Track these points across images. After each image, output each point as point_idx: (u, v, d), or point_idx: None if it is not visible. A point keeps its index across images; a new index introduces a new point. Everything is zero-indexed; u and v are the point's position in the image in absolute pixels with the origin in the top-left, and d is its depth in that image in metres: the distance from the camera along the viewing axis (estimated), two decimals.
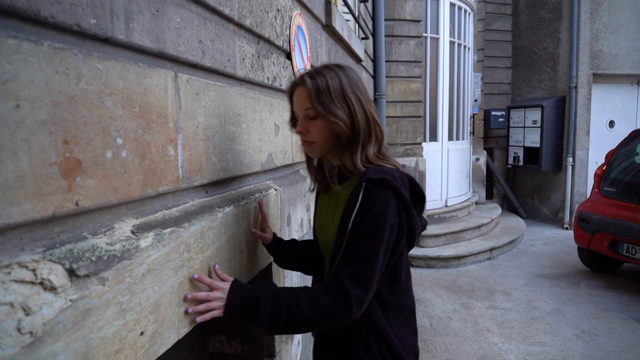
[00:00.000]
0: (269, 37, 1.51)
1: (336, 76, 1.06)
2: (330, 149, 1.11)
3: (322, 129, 1.07)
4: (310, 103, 1.05)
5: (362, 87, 1.10)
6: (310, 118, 1.08)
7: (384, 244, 0.98)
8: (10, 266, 0.55)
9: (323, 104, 1.03)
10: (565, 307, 3.84)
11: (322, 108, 1.03)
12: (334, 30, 2.56)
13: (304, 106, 1.08)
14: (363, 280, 0.97)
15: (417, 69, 5.35)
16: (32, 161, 0.59)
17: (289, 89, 1.14)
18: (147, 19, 0.85)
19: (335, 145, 1.09)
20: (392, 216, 0.99)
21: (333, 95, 1.04)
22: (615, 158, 4.53)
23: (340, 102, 1.04)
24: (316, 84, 1.04)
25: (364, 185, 1.01)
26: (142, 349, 0.78)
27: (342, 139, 1.06)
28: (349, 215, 1.02)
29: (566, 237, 6.11)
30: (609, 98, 6.83)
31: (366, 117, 1.07)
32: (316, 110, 1.05)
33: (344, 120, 1.04)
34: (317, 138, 1.08)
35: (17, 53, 0.57)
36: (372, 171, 1.03)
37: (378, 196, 1.00)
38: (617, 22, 6.48)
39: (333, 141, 1.08)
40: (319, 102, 1.03)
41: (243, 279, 1.26)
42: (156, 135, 0.88)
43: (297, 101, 1.10)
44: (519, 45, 7.64)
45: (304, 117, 1.09)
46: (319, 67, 1.09)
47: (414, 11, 5.23)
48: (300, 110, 1.10)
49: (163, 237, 0.84)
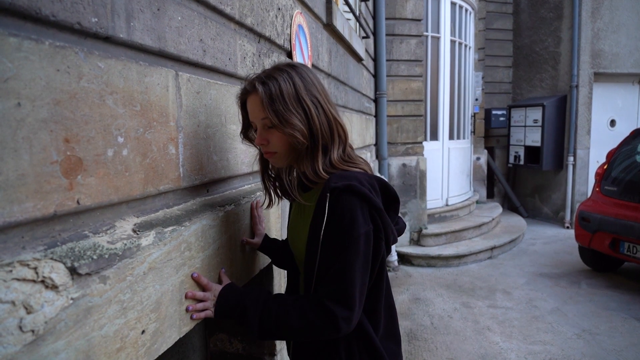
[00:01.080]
0: (270, 36, 1.51)
1: (289, 78, 0.97)
2: (292, 157, 1.03)
3: (281, 138, 0.98)
4: (263, 112, 0.97)
5: (319, 86, 1.02)
6: (269, 127, 0.99)
7: (361, 255, 0.92)
8: (12, 264, 0.55)
9: (277, 113, 0.95)
10: (566, 306, 3.84)
11: (276, 118, 0.95)
12: (335, 29, 2.55)
13: (260, 116, 0.98)
14: (345, 298, 0.91)
15: (418, 68, 5.34)
16: (34, 159, 0.59)
17: (239, 97, 1.05)
18: (148, 17, 0.85)
19: (295, 153, 1.02)
20: (365, 224, 0.93)
21: (287, 100, 0.95)
22: (616, 157, 4.52)
23: (297, 108, 0.96)
24: (268, 91, 0.95)
25: (329, 196, 0.93)
26: (143, 347, 0.78)
27: (300, 148, 0.99)
28: (318, 230, 0.95)
29: (567, 236, 6.10)
30: (610, 97, 6.82)
31: (327, 118, 1.00)
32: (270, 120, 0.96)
33: (300, 129, 0.96)
34: (278, 147, 1.00)
35: (18, 51, 0.57)
36: (335, 178, 0.95)
37: (345, 205, 0.92)
38: (619, 21, 6.47)
39: (293, 149, 1.01)
40: (273, 111, 0.95)
41: (244, 278, 1.26)
42: (157, 134, 0.88)
43: (252, 111, 1.01)
44: (520, 44, 7.63)
45: (262, 126, 1.00)
46: (270, 70, 1.00)
47: (415, 10, 5.23)
48: (257, 120, 1.01)
49: (164, 235, 0.84)
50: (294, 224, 1.15)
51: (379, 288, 1.04)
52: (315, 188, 1.05)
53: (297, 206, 1.15)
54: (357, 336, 1.01)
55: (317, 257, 0.96)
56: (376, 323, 1.04)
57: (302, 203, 1.07)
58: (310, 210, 1.04)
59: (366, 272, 0.95)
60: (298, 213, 1.13)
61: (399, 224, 1.13)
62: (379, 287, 1.04)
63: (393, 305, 1.14)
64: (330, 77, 2.58)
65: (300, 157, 1.01)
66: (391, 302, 1.13)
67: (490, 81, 7.71)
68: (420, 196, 5.28)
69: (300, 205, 1.12)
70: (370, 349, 1.02)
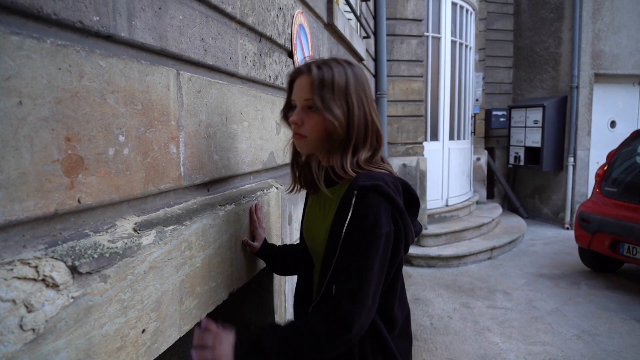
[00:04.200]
0: (271, 36, 1.51)
1: (344, 72, 1.00)
2: (321, 147, 1.04)
3: (318, 124, 1.00)
4: (310, 94, 0.99)
5: (367, 88, 1.05)
6: (309, 109, 1.01)
7: (380, 255, 0.93)
8: (13, 263, 0.55)
9: (323, 98, 0.97)
10: (566, 306, 3.84)
11: (320, 102, 0.97)
12: (336, 29, 2.55)
13: (305, 96, 1.00)
14: (360, 297, 0.91)
15: (418, 68, 5.34)
16: (35, 158, 0.59)
17: (291, 75, 1.07)
18: (150, 16, 0.85)
19: (327, 145, 1.03)
20: (387, 225, 0.94)
21: (335, 91, 0.98)
22: (617, 158, 4.52)
23: (341, 100, 0.99)
24: (322, 75, 0.98)
25: (356, 193, 0.95)
26: (143, 346, 0.78)
27: (335, 140, 1.00)
28: (340, 226, 0.96)
29: (567, 237, 6.10)
30: (610, 98, 6.82)
31: (365, 121, 1.01)
32: (314, 102, 0.98)
33: (340, 120, 0.98)
34: (310, 133, 1.01)
35: (20, 50, 0.57)
36: (363, 177, 0.96)
37: (371, 204, 0.93)
38: (619, 22, 6.47)
39: (325, 140, 1.02)
40: (319, 95, 0.97)
41: (244, 278, 1.26)
42: (158, 133, 0.88)
43: (298, 89, 1.03)
44: (520, 45, 7.63)
45: (303, 107, 1.02)
46: (328, 59, 1.03)
47: (416, 10, 5.22)
48: (299, 100, 1.03)
49: (165, 234, 0.84)
50: (311, 216, 1.15)
51: (393, 289, 1.04)
52: (340, 183, 1.05)
53: (316, 200, 1.15)
54: (370, 336, 1.01)
55: (337, 252, 0.97)
56: (390, 323, 1.05)
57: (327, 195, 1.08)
58: (332, 205, 1.05)
59: (382, 273, 0.95)
60: (318, 207, 1.13)
61: (416, 226, 1.14)
62: (394, 288, 1.04)
63: (407, 305, 1.15)
64: None
65: (331, 150, 1.02)
66: (406, 302, 1.14)
67: (490, 82, 7.71)
68: (420, 196, 5.27)
69: (320, 199, 1.12)
70: (383, 348, 1.02)
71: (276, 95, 1.60)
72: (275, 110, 1.58)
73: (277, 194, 1.50)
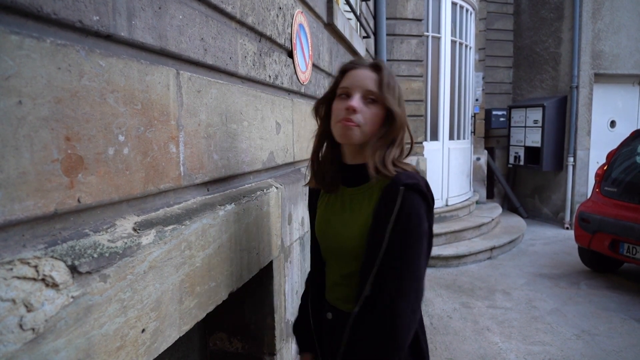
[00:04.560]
0: (271, 35, 1.51)
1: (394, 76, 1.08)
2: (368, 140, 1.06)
3: (376, 116, 1.04)
4: (376, 88, 1.03)
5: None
6: (371, 100, 1.04)
7: (424, 253, 0.98)
8: (12, 262, 0.55)
9: (391, 94, 1.03)
10: (566, 306, 3.84)
11: (390, 97, 1.03)
12: (336, 28, 2.55)
13: (368, 88, 1.04)
14: (412, 292, 0.96)
15: (418, 68, 5.34)
16: (34, 158, 0.59)
17: (346, 65, 1.10)
18: (150, 16, 0.85)
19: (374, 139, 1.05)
20: (426, 223, 0.99)
21: (396, 91, 1.05)
22: (616, 158, 4.52)
23: (398, 100, 1.05)
24: (387, 74, 1.05)
25: (402, 190, 0.97)
26: (143, 346, 0.78)
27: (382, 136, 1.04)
28: (384, 223, 0.98)
29: (567, 237, 6.10)
30: (610, 98, 6.82)
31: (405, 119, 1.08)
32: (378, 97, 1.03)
33: (399, 115, 1.03)
34: (365, 123, 1.03)
35: (20, 49, 0.57)
36: (404, 176, 1.00)
37: (414, 203, 0.97)
38: (619, 22, 6.47)
39: (376, 133, 1.05)
40: (388, 91, 1.03)
41: (244, 277, 1.26)
42: (158, 133, 0.88)
43: (361, 80, 1.05)
44: (520, 45, 7.62)
45: (363, 97, 1.04)
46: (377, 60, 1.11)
47: (416, 10, 5.22)
48: (360, 90, 1.04)
49: (164, 234, 0.84)
50: (328, 216, 1.15)
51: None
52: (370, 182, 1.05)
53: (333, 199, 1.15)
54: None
55: (380, 250, 0.98)
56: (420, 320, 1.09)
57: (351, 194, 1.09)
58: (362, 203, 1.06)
59: (424, 269, 1.01)
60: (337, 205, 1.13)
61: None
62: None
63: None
64: (330, 76, 2.58)
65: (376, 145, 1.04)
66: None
67: (490, 81, 7.70)
68: None
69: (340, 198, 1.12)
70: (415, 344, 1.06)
71: (276, 94, 1.60)
72: (275, 110, 1.58)
73: (276, 193, 1.50)
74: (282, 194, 1.56)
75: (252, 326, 1.54)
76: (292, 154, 1.81)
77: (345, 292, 1.10)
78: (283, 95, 1.69)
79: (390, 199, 0.98)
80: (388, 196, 0.99)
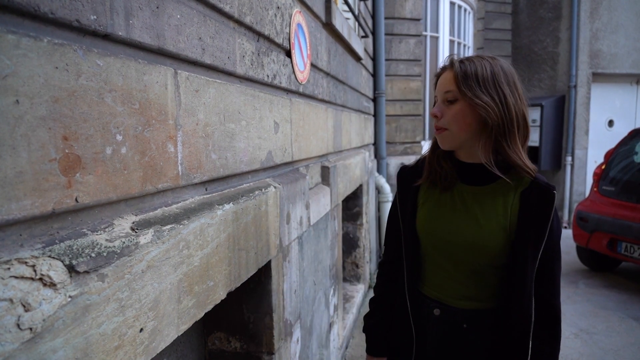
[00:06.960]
0: (269, 35, 1.51)
1: (488, 65, 1.01)
2: (471, 140, 1.03)
3: (458, 114, 1.01)
4: (452, 86, 1.02)
5: (517, 81, 1.05)
6: (449, 102, 1.03)
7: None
8: (10, 262, 0.55)
9: (469, 88, 0.99)
10: (564, 305, 3.85)
11: (468, 90, 0.99)
12: (334, 28, 2.55)
13: (445, 89, 1.03)
14: (559, 295, 1.12)
15: (416, 67, 5.34)
16: (32, 157, 0.59)
17: (437, 74, 1.10)
18: (147, 15, 0.85)
19: (483, 136, 1.02)
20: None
21: (481, 81, 0.99)
22: (614, 157, 4.53)
23: (490, 90, 0.99)
24: (464, 68, 1.01)
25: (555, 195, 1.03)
26: (141, 345, 0.78)
27: (490, 130, 1.00)
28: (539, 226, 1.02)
29: (565, 236, 6.07)
30: (608, 97, 6.84)
31: (521, 110, 1.03)
32: (456, 94, 1.01)
33: (492, 106, 0.98)
34: (451, 125, 1.02)
35: (17, 49, 0.57)
36: (541, 178, 1.05)
37: (554, 207, 1.03)
38: (617, 21, 6.48)
39: (477, 131, 1.02)
40: (466, 85, 0.99)
41: (243, 276, 1.26)
42: (156, 132, 0.88)
43: (441, 84, 1.06)
44: (518, 45, 7.64)
45: (443, 100, 1.04)
46: (471, 56, 1.07)
47: (414, 10, 5.23)
48: (440, 94, 1.05)
49: (162, 234, 0.84)
50: (442, 213, 1.12)
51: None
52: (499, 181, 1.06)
53: (445, 198, 1.13)
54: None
55: (539, 254, 1.04)
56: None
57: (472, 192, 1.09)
58: (492, 203, 1.07)
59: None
60: (454, 201, 1.11)
61: None
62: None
63: None
64: (329, 76, 2.58)
65: (488, 141, 1.02)
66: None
67: None
68: None
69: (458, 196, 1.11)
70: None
71: (274, 94, 1.60)
72: (273, 110, 1.58)
73: (275, 193, 1.50)
74: (280, 194, 1.56)
75: (250, 325, 1.54)
76: (291, 154, 1.81)
77: (459, 288, 1.11)
78: (281, 94, 1.69)
79: (545, 202, 1.02)
80: (542, 199, 1.02)
